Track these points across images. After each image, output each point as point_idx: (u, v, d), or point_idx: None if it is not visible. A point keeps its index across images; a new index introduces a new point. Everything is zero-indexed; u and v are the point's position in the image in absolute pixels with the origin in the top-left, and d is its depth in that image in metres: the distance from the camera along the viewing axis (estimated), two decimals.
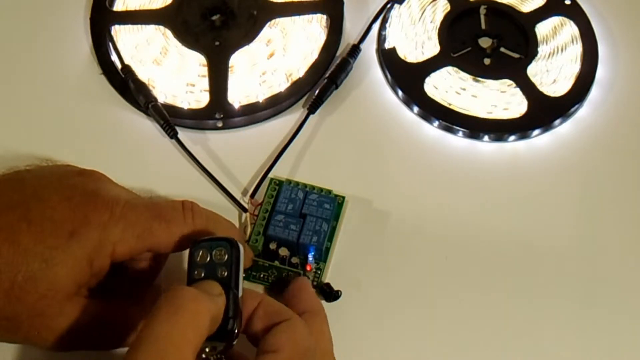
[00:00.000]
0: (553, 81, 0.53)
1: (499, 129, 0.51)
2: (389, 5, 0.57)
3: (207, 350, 0.35)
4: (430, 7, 0.57)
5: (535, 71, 0.54)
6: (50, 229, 0.36)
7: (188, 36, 0.55)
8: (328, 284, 0.44)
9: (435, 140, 0.52)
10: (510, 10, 0.56)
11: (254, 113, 0.52)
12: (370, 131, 0.52)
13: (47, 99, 0.53)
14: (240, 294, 0.37)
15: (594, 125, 0.52)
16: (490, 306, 0.45)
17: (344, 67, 0.53)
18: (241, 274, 0.37)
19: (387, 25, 0.56)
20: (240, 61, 0.54)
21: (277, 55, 0.54)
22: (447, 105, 0.52)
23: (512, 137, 0.51)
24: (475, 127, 0.51)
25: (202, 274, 0.37)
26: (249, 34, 0.55)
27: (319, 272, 0.45)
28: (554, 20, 0.56)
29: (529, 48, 0.54)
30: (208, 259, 0.37)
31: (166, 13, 0.56)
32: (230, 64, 0.53)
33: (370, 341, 0.44)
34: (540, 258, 0.47)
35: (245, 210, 0.48)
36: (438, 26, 0.56)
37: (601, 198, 0.49)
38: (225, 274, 0.37)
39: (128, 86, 0.52)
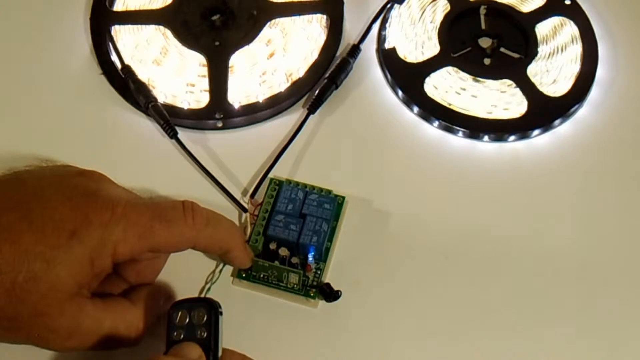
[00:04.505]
0: (553, 81, 0.53)
1: (499, 129, 0.51)
2: (389, 5, 0.57)
3: None
4: (430, 7, 0.57)
5: (535, 71, 0.54)
6: (51, 229, 0.36)
7: (188, 36, 0.55)
8: (328, 284, 0.44)
9: (435, 140, 0.52)
10: (510, 10, 0.56)
11: (254, 113, 0.52)
12: (370, 131, 0.52)
13: (47, 99, 0.53)
14: (219, 354, 0.38)
15: (594, 125, 0.52)
16: (490, 306, 0.45)
17: (344, 67, 0.53)
18: (220, 335, 0.38)
19: (387, 25, 0.56)
20: (240, 61, 0.54)
21: (277, 55, 0.54)
22: (447, 105, 0.52)
23: (512, 137, 0.51)
24: (475, 127, 0.51)
25: (182, 336, 0.37)
26: (249, 34, 0.55)
27: (319, 272, 0.45)
28: (554, 20, 0.56)
29: (529, 48, 0.54)
30: (187, 320, 0.38)
31: (166, 13, 0.56)
32: (230, 64, 0.53)
33: (370, 341, 0.44)
34: (539, 258, 0.47)
35: (245, 210, 0.48)
36: (438, 26, 0.56)
37: (601, 198, 0.49)
38: (205, 335, 0.37)
39: (128, 86, 0.52)
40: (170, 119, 0.50)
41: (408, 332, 0.44)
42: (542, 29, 0.56)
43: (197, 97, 0.53)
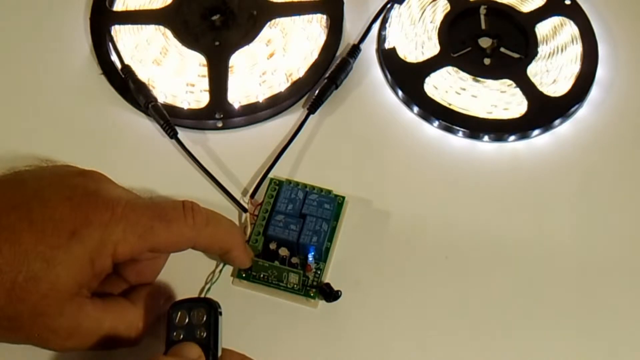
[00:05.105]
0: (553, 81, 0.53)
1: (499, 129, 0.51)
2: (389, 5, 0.57)
3: None
4: (430, 7, 0.57)
5: (535, 71, 0.54)
6: (51, 229, 0.36)
7: (188, 36, 0.55)
8: (328, 284, 0.44)
9: (435, 140, 0.52)
10: (510, 10, 0.56)
11: (254, 113, 0.52)
12: (370, 131, 0.52)
13: (47, 99, 0.53)
14: (219, 354, 0.38)
15: (594, 125, 0.52)
16: (490, 306, 0.45)
17: (344, 67, 0.53)
18: (220, 335, 0.38)
19: (387, 25, 0.56)
20: (240, 61, 0.54)
21: (277, 55, 0.54)
22: (447, 105, 0.52)
23: (512, 137, 0.51)
24: (475, 127, 0.51)
25: (181, 336, 0.37)
26: (249, 34, 0.55)
27: (319, 272, 0.45)
28: (554, 20, 0.56)
29: (529, 48, 0.54)
30: (187, 320, 0.38)
31: (166, 13, 0.56)
32: (230, 64, 0.53)
33: (371, 341, 0.44)
34: (539, 258, 0.47)
35: (245, 210, 0.48)
36: (438, 26, 0.56)
37: (601, 198, 0.49)
38: (204, 335, 0.37)
39: (128, 86, 0.52)
40: (170, 119, 0.50)
41: (408, 332, 0.44)
42: (542, 29, 0.56)
43: (197, 97, 0.53)
